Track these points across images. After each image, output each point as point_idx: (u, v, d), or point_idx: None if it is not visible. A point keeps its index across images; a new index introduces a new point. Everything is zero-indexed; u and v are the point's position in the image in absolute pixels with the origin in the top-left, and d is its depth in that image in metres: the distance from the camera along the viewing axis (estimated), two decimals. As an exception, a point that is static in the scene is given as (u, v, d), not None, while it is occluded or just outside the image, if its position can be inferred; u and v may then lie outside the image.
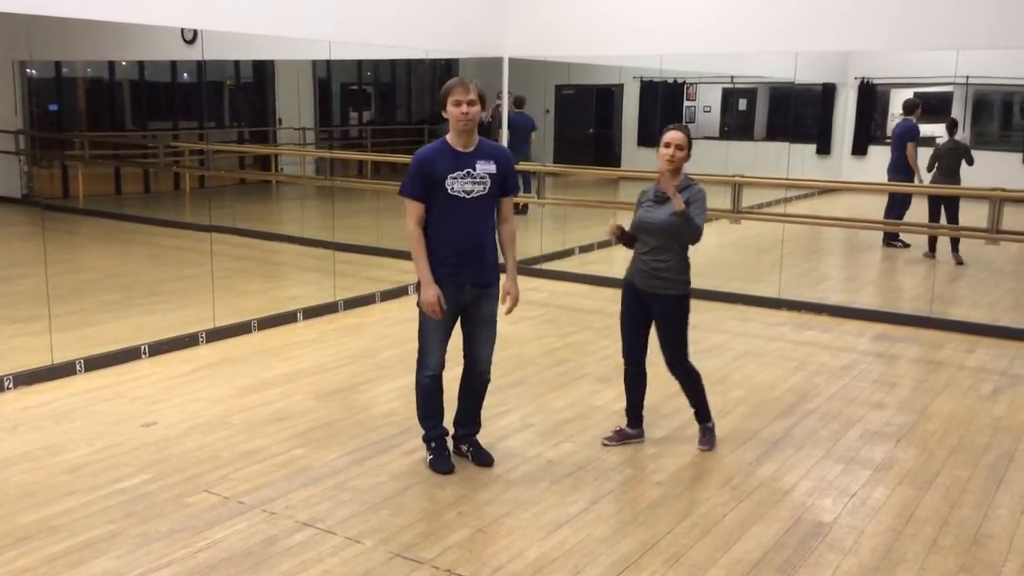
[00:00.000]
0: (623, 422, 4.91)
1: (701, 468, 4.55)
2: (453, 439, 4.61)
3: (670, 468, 4.54)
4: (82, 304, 7.65)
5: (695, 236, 4.50)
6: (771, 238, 9.80)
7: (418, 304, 4.28)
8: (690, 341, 6.92)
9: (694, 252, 4.64)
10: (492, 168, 4.25)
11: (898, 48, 8.45)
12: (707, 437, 4.82)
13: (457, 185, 4.20)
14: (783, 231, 9.38)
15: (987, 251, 9.81)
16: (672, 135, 4.52)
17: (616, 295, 4.93)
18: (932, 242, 10.19)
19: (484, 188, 4.24)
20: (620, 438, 4.83)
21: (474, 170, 4.21)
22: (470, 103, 4.16)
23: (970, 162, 9.83)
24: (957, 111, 11.70)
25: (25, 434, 4.88)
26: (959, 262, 9.83)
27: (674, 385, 5.82)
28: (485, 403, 4.64)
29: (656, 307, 4.62)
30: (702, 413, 4.85)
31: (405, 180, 4.27)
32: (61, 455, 4.59)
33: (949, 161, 9.91)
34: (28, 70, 11.14)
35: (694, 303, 4.76)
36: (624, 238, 4.67)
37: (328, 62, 11.74)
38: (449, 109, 4.20)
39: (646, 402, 5.37)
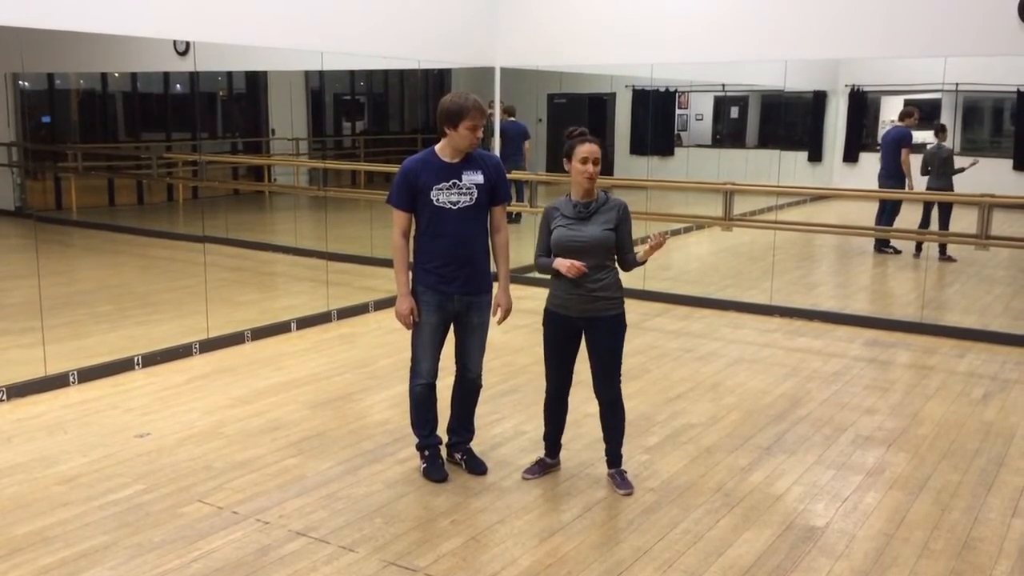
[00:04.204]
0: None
1: (694, 474, 4.57)
2: (447, 447, 4.62)
3: (663, 474, 4.55)
4: (75, 315, 7.65)
5: (635, 267, 4.25)
6: (763, 245, 9.84)
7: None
8: (684, 348, 6.98)
9: (689, 259, 4.64)
10: (479, 178, 4.26)
11: (887, 56, 8.50)
12: (625, 480, 4.36)
13: (443, 196, 4.21)
14: (775, 238, 9.42)
15: (977, 256, 9.86)
16: (590, 148, 4.10)
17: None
18: (919, 245, 10.50)
19: (471, 199, 4.25)
20: (541, 469, 4.52)
21: (460, 181, 4.23)
22: (483, 127, 4.20)
23: (952, 171, 10.06)
24: (947, 118, 11.76)
25: (18, 446, 4.88)
26: (951, 260, 10.18)
27: (665, 393, 5.86)
28: (478, 411, 4.66)
29: (594, 331, 4.23)
30: (616, 455, 4.40)
31: (391, 190, 4.29)
32: (55, 466, 4.59)
33: (936, 165, 10.14)
34: (21, 82, 11.15)
35: (687, 310, 4.78)
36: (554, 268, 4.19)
37: (321, 73, 11.78)
38: (462, 131, 4.16)
39: (645, 409, 5.41)
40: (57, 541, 3.80)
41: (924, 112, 11.25)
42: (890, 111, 11.52)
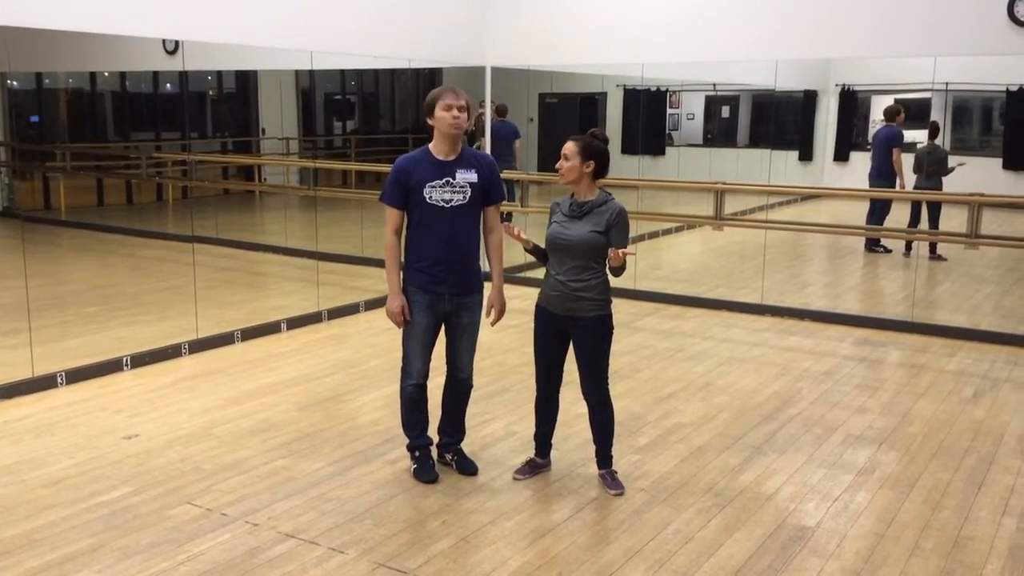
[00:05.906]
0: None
1: (684, 474, 4.56)
2: (437, 448, 4.61)
3: (654, 475, 4.55)
4: (63, 316, 7.60)
5: (622, 273, 4.14)
6: (754, 244, 9.85)
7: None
8: (675, 348, 6.98)
9: (680, 258, 4.62)
10: (473, 177, 4.24)
11: (878, 55, 8.51)
12: (615, 481, 4.36)
13: (435, 194, 4.19)
14: (766, 237, 9.42)
15: (967, 255, 9.90)
16: (565, 145, 4.14)
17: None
18: (909, 244, 10.53)
19: (464, 197, 4.23)
20: (532, 469, 4.51)
21: (453, 179, 4.21)
22: (460, 108, 4.15)
23: (944, 171, 10.05)
24: (937, 117, 11.79)
25: (5, 448, 4.84)
26: (941, 259, 10.20)
27: (656, 392, 5.86)
28: (469, 412, 4.64)
29: (577, 331, 4.22)
30: (606, 456, 4.39)
31: (384, 187, 4.27)
32: (42, 468, 4.56)
33: (929, 165, 10.14)
34: (9, 82, 11.09)
35: (679, 310, 4.78)
36: (536, 252, 4.33)
37: (311, 72, 11.72)
38: (438, 114, 4.15)
39: (636, 409, 5.40)
40: (44, 544, 3.77)
41: (913, 111, 11.27)
42: (880, 110, 11.53)
